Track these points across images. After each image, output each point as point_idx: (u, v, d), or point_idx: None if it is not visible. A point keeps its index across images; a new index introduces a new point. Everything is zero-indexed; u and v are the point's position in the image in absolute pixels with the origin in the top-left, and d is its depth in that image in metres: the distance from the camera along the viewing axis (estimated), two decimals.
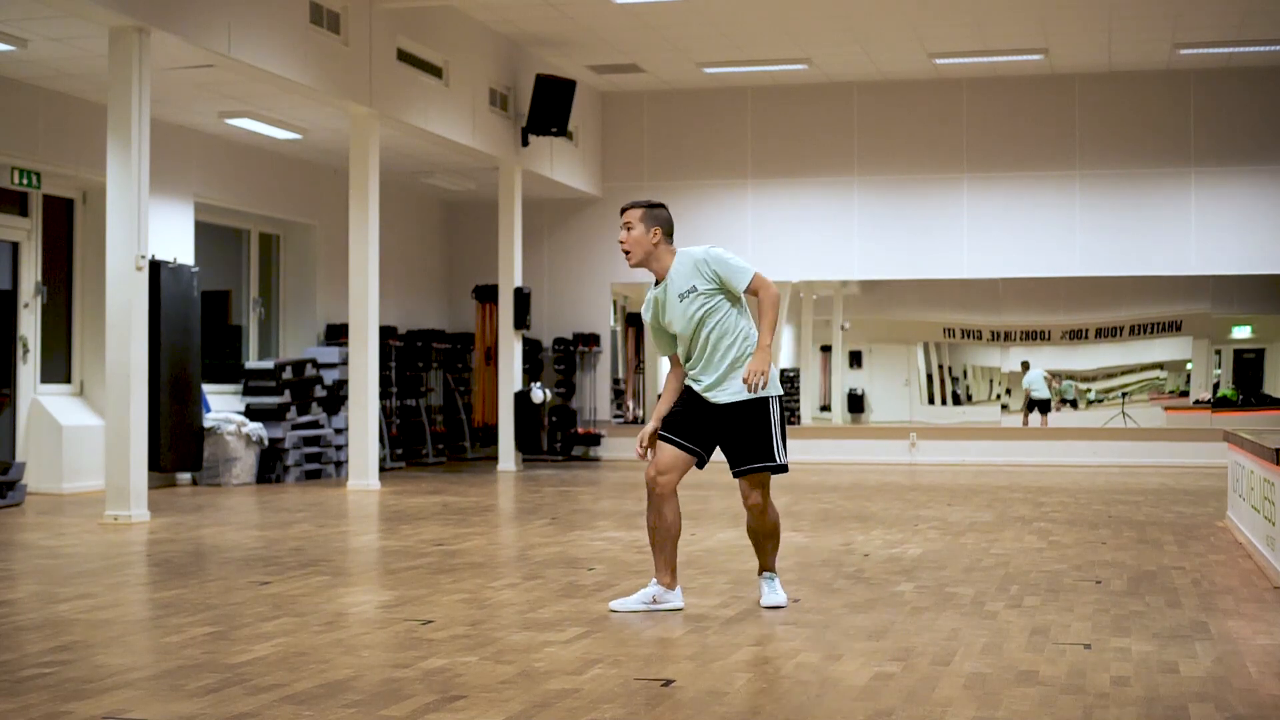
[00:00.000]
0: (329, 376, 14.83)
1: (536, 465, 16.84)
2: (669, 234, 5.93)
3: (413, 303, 18.06)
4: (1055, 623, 5.73)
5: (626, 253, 5.95)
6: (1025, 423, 17.90)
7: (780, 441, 5.80)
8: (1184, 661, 4.94)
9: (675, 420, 5.84)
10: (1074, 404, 18.08)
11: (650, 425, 5.88)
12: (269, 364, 14.33)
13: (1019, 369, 17.98)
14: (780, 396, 5.84)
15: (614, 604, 5.96)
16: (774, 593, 6.07)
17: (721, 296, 5.80)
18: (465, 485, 13.63)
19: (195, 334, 12.91)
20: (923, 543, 8.59)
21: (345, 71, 12.37)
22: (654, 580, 5.93)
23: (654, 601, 5.89)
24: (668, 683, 4.57)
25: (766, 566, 6.09)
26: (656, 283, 5.94)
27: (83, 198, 13.10)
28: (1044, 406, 18.00)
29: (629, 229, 5.91)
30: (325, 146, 14.95)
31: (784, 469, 5.85)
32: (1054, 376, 18.04)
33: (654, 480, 5.79)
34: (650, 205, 5.97)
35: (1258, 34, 15.09)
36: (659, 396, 6.06)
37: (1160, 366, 17.98)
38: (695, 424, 5.83)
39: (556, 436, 17.83)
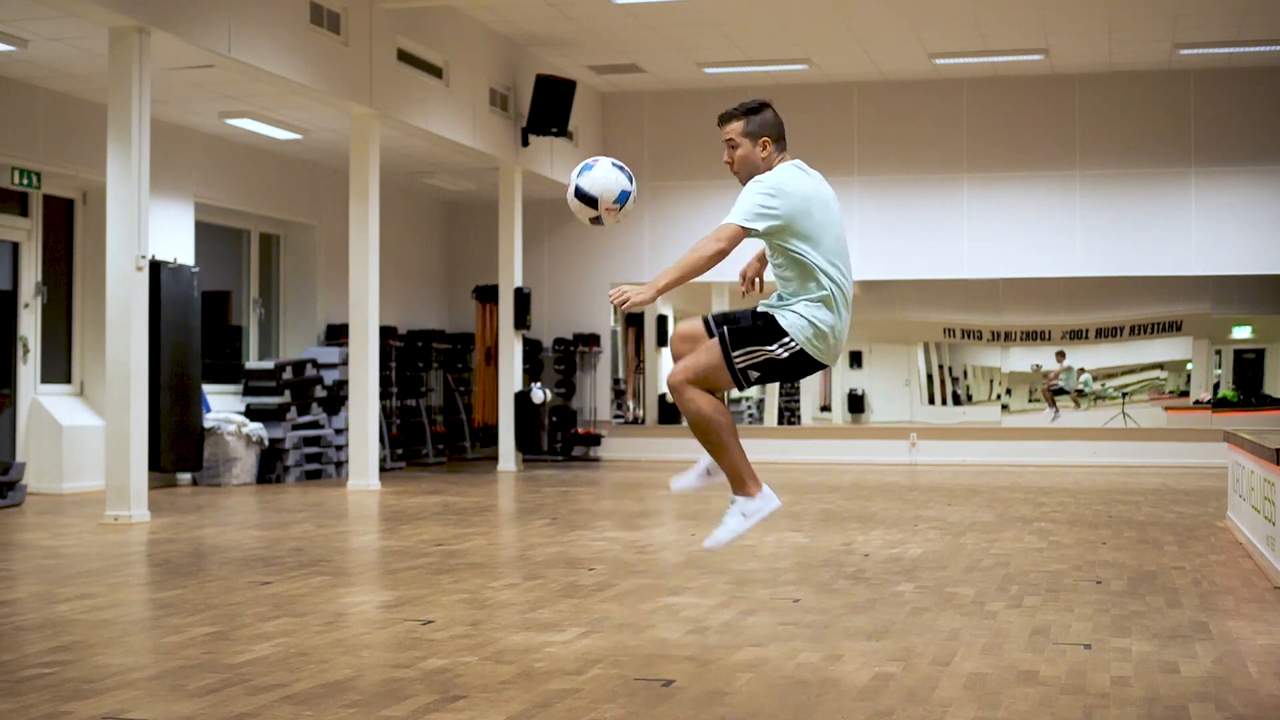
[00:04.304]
0: (329, 376, 14.83)
1: (536, 465, 16.84)
2: (780, 139, 5.13)
3: (413, 303, 18.06)
4: (1055, 623, 5.72)
5: (735, 173, 5.19)
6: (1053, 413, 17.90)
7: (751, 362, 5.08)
8: (1184, 661, 4.94)
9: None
10: (1077, 401, 18.05)
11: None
12: (269, 364, 14.33)
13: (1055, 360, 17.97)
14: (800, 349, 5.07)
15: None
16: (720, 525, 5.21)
17: (783, 239, 5.04)
18: (465, 485, 13.63)
19: (195, 334, 12.91)
20: (923, 543, 8.59)
21: (345, 71, 12.37)
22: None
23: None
24: (668, 683, 4.57)
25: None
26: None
27: (83, 198, 13.10)
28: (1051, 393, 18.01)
29: (733, 147, 5.13)
30: (325, 146, 14.95)
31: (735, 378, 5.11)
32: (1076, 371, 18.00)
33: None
34: (750, 110, 5.13)
35: (1258, 34, 15.09)
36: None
37: (1160, 367, 17.98)
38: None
39: (556, 436, 17.83)
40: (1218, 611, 6.03)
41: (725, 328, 5.09)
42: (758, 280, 5.48)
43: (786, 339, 5.04)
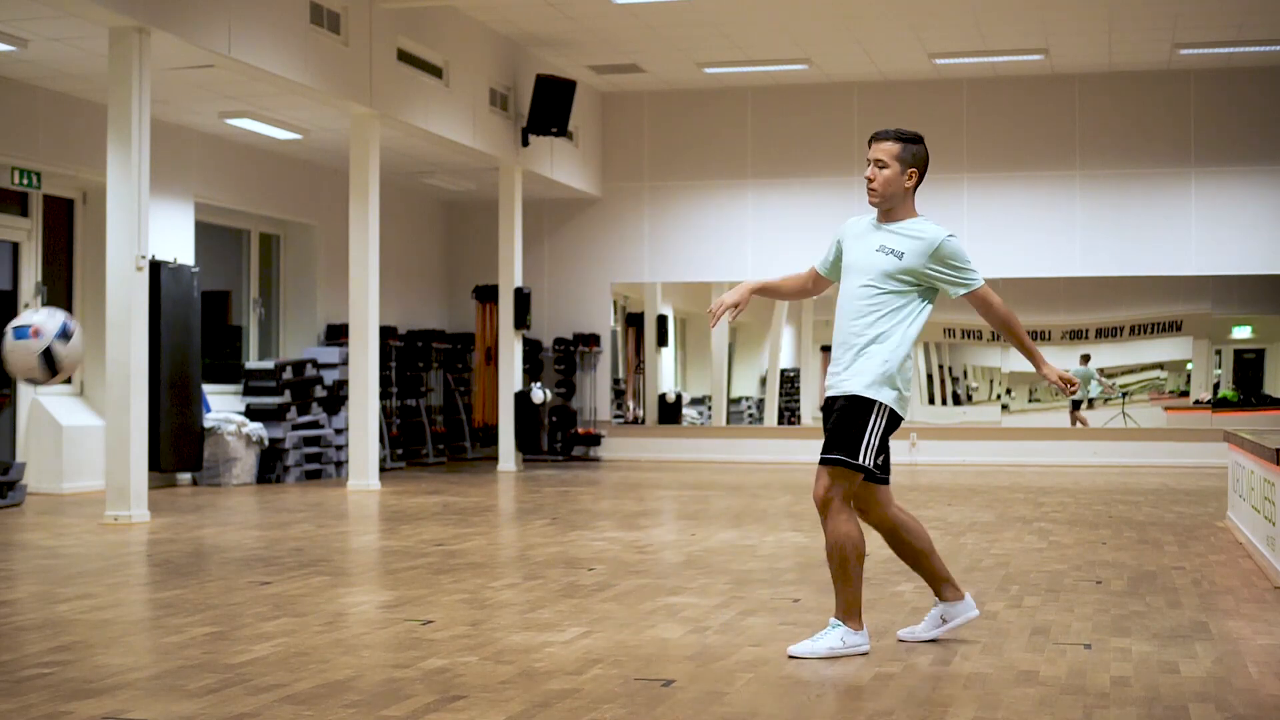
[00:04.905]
0: (329, 376, 14.83)
1: (536, 465, 16.84)
2: (923, 178, 5.09)
3: (413, 303, 18.06)
4: (1055, 623, 5.72)
5: (872, 190, 5.09)
6: (1073, 422, 17.89)
7: (869, 447, 4.98)
8: (1184, 661, 4.94)
9: None
10: (1089, 403, 18.07)
11: (742, 288, 5.21)
12: (269, 364, 14.32)
13: (1079, 362, 17.96)
14: (889, 409, 5.02)
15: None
16: (814, 641, 5.06)
17: (916, 293, 5.04)
18: (465, 485, 13.63)
19: (195, 334, 12.91)
20: None
21: (345, 71, 12.37)
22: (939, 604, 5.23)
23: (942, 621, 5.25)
24: (668, 683, 4.57)
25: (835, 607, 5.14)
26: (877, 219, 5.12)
27: (83, 198, 13.10)
28: (1074, 404, 18.02)
29: (881, 166, 5.04)
30: (325, 146, 14.95)
31: (861, 469, 5.00)
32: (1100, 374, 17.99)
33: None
34: (908, 139, 5.07)
35: (1258, 34, 15.09)
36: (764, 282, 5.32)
37: (1160, 366, 17.98)
38: None
39: (556, 436, 17.83)
40: (1218, 611, 6.03)
41: (838, 455, 4.98)
42: (730, 314, 5.29)
43: (877, 406, 5.01)
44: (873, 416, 4.99)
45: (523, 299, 15.85)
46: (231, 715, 4.11)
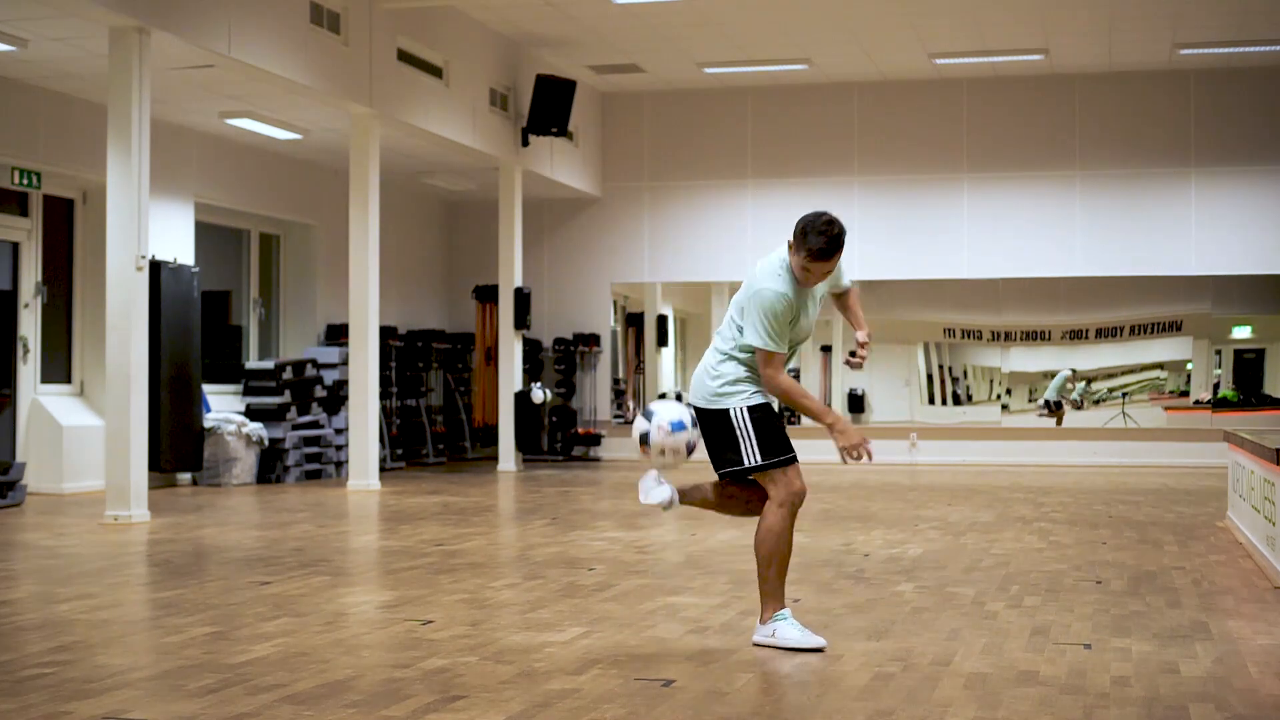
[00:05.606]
0: (329, 376, 14.83)
1: (536, 465, 16.83)
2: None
3: (413, 303, 18.06)
4: (1055, 623, 5.73)
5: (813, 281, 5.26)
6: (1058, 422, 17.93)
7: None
8: (1184, 661, 4.94)
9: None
10: (1078, 404, 18.08)
11: (851, 427, 5.14)
12: (269, 364, 14.33)
13: (1069, 373, 17.99)
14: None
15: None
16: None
17: None
18: (465, 485, 13.63)
19: (195, 334, 12.91)
20: (923, 543, 8.59)
21: (345, 71, 12.37)
22: (786, 609, 5.20)
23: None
24: (668, 683, 4.57)
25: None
26: (795, 283, 5.25)
27: (83, 198, 13.10)
28: (1051, 407, 18.03)
29: (828, 271, 5.20)
30: (325, 146, 14.95)
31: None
32: (1075, 379, 18.00)
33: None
34: (843, 242, 5.15)
35: (1258, 34, 15.09)
36: (808, 401, 5.33)
37: (1160, 366, 17.98)
38: None
39: (557, 436, 17.83)
40: (1218, 611, 6.03)
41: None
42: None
43: None
44: None
45: (523, 299, 15.85)
46: (231, 715, 4.11)
